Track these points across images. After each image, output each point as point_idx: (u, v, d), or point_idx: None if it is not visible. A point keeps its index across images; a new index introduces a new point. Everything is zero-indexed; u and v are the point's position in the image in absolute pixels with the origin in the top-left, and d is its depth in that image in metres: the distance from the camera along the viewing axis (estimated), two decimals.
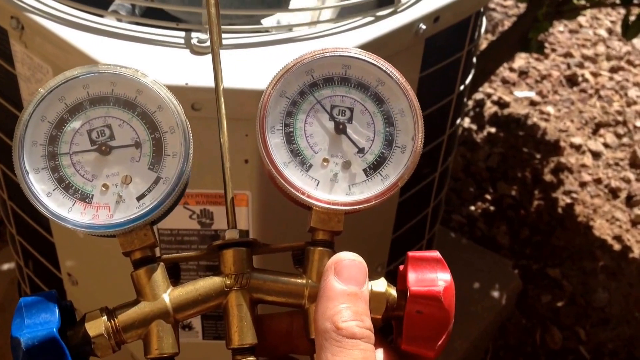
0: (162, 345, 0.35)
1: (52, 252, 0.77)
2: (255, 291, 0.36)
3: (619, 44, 2.04)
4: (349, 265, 0.35)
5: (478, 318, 1.16)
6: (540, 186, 1.58)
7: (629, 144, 1.71)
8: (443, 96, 0.82)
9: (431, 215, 0.92)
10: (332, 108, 0.37)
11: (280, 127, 0.36)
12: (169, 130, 0.36)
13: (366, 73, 0.37)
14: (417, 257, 0.36)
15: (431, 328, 0.35)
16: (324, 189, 0.36)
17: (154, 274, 0.35)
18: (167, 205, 0.35)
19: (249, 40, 0.62)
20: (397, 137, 0.37)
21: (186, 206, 0.59)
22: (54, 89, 0.35)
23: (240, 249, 0.36)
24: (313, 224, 0.36)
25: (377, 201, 0.36)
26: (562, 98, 1.84)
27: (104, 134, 0.36)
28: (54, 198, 0.35)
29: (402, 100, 0.37)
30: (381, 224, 0.82)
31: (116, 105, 0.36)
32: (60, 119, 0.35)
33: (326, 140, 0.37)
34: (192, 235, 0.61)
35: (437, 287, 0.35)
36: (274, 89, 0.36)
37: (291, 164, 0.36)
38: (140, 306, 0.35)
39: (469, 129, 1.71)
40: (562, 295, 1.36)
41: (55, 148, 0.35)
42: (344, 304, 0.34)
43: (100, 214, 0.35)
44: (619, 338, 1.29)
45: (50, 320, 0.33)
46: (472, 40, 0.81)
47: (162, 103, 0.36)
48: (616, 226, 1.50)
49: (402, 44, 0.68)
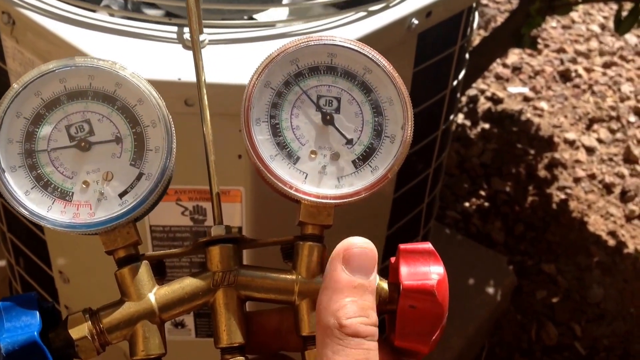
0: (149, 346, 0.34)
1: (44, 250, 0.77)
2: (243, 288, 0.35)
3: (612, 40, 2.04)
4: (359, 253, 0.33)
5: (474, 314, 1.16)
6: (535, 182, 1.58)
7: (623, 139, 1.71)
8: (436, 92, 0.82)
9: (426, 211, 0.91)
10: (318, 98, 0.36)
11: (265, 119, 0.35)
12: (151, 124, 0.35)
13: (352, 61, 0.36)
14: (409, 250, 0.35)
15: (425, 323, 0.34)
16: (313, 182, 0.35)
17: (139, 273, 0.35)
18: (150, 202, 0.34)
19: (241, 36, 0.61)
20: (386, 126, 0.36)
21: (179, 202, 0.58)
22: (29, 84, 0.34)
23: (227, 245, 0.35)
24: (302, 218, 0.36)
25: (367, 193, 0.35)
26: (555, 94, 1.84)
27: (83, 130, 0.35)
28: (33, 197, 0.34)
29: (390, 89, 0.36)
30: (376, 220, 0.82)
31: (95, 99, 0.35)
32: (37, 114, 0.34)
33: (313, 132, 0.36)
34: (185, 232, 0.61)
35: (431, 280, 0.34)
36: (258, 80, 0.35)
37: (278, 157, 0.35)
38: (125, 307, 0.34)
39: (463, 125, 1.71)
40: (557, 291, 1.36)
41: (32, 145, 0.34)
42: (350, 297, 0.32)
43: (81, 212, 0.34)
44: (614, 334, 1.29)
45: (31, 324, 0.32)
46: (464, 35, 0.81)
47: (142, 96, 0.35)
48: (610, 221, 1.50)
49: (395, 39, 0.68)
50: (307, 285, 0.35)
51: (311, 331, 0.35)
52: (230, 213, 0.61)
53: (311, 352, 0.35)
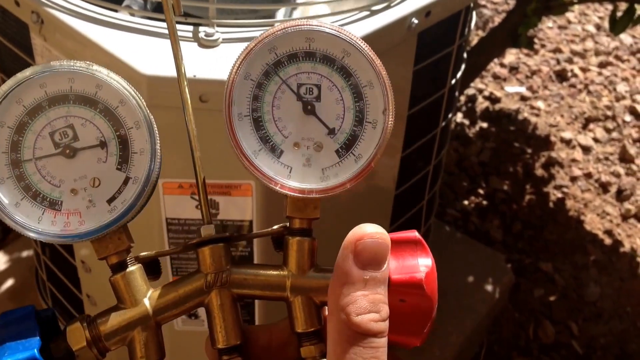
0: (147, 351, 0.34)
1: None
2: (237, 287, 0.35)
3: (607, 40, 2.06)
4: (371, 244, 0.31)
5: (473, 311, 1.16)
6: (532, 181, 1.59)
7: (619, 138, 1.73)
8: (435, 90, 0.82)
9: (426, 208, 0.92)
10: (298, 87, 0.35)
11: (247, 113, 0.35)
12: (134, 126, 0.34)
13: (331, 45, 0.35)
14: (396, 240, 0.34)
15: (415, 316, 0.33)
16: (297, 176, 0.35)
17: (133, 278, 0.34)
18: (139, 206, 0.34)
19: (254, 34, 0.62)
20: (368, 112, 0.35)
21: (193, 196, 0.59)
22: (8, 93, 0.33)
23: (218, 245, 0.35)
24: (289, 212, 0.35)
25: (351, 185, 0.35)
26: (552, 93, 1.85)
27: (67, 135, 0.34)
28: (23, 208, 0.33)
29: (370, 72, 0.35)
30: (378, 217, 0.82)
31: (76, 103, 0.34)
32: (20, 122, 0.34)
33: (295, 122, 0.35)
34: (199, 225, 0.62)
35: (419, 273, 0.33)
36: (237, 73, 0.34)
37: (262, 151, 0.34)
38: (120, 313, 0.34)
39: (462, 124, 1.72)
40: (555, 290, 1.37)
41: (18, 155, 0.34)
42: (361, 290, 0.31)
43: (71, 221, 0.33)
44: (610, 332, 1.30)
45: (31, 340, 0.32)
46: (462, 34, 0.82)
47: (123, 97, 0.34)
48: (607, 220, 1.51)
49: (395, 38, 0.69)
50: (299, 281, 0.35)
51: (305, 328, 0.35)
52: (242, 207, 0.62)
53: (306, 349, 0.35)
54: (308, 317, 0.35)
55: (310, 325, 0.35)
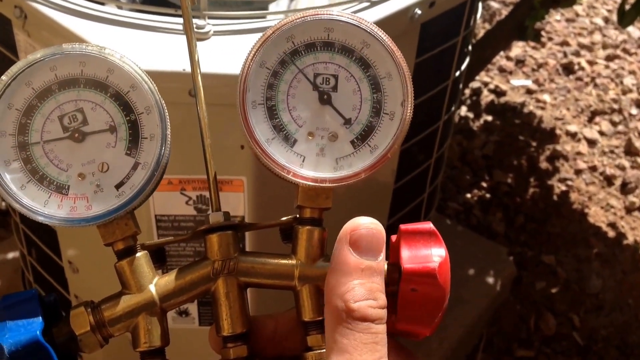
0: (151, 337, 0.33)
1: (54, 240, 0.77)
2: (244, 275, 0.34)
3: (615, 33, 2.04)
4: (366, 234, 0.32)
5: (472, 304, 1.17)
6: (536, 174, 1.59)
7: (624, 131, 1.72)
8: (438, 82, 0.82)
9: (427, 202, 0.92)
10: (315, 77, 0.34)
11: (261, 102, 0.34)
12: (145, 111, 0.34)
13: (350, 36, 0.34)
14: (410, 231, 0.34)
15: (427, 306, 0.33)
16: (310, 165, 0.34)
17: (139, 265, 0.34)
18: (147, 192, 0.33)
19: (245, 27, 0.62)
20: (385, 103, 0.34)
21: (183, 192, 0.59)
22: (18, 75, 0.33)
23: (226, 232, 0.35)
24: (300, 201, 0.35)
25: (366, 174, 0.34)
26: (558, 86, 1.84)
27: (76, 119, 0.33)
28: (28, 191, 0.33)
29: (389, 63, 0.35)
30: (376, 211, 0.82)
31: (87, 86, 0.33)
32: (29, 105, 0.33)
33: (310, 112, 0.34)
34: (189, 221, 0.61)
35: (432, 263, 0.33)
36: (253, 61, 0.34)
37: (275, 140, 0.34)
38: (125, 299, 0.34)
39: (466, 117, 1.72)
40: (557, 282, 1.37)
41: (25, 137, 0.33)
42: (358, 279, 0.31)
43: (78, 205, 0.33)
44: (612, 324, 1.30)
45: (33, 322, 0.32)
46: (467, 26, 0.81)
47: (135, 82, 0.33)
48: (611, 213, 1.51)
49: (397, 29, 0.68)
50: (308, 270, 0.35)
51: (312, 317, 0.34)
52: (234, 202, 0.61)
53: (313, 338, 0.34)
54: (316, 306, 0.34)
55: (318, 314, 0.34)
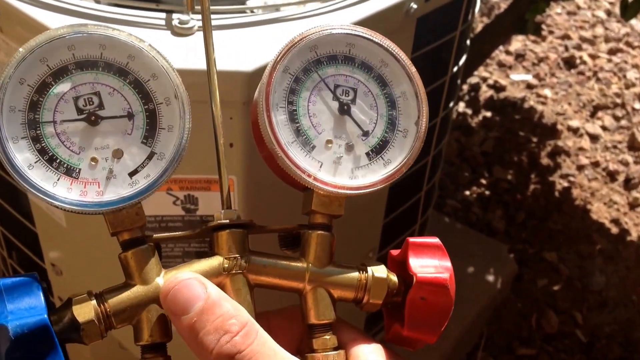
0: (154, 332, 0.33)
1: (36, 242, 0.76)
2: (255, 274, 0.35)
3: (618, 26, 2.02)
4: (173, 296, 0.31)
5: (472, 302, 1.15)
6: (537, 170, 1.57)
7: (627, 126, 1.70)
8: (436, 78, 0.80)
9: (424, 200, 0.91)
10: (335, 87, 0.36)
11: (283, 105, 0.35)
12: (164, 102, 0.33)
13: (370, 53, 0.37)
14: (417, 244, 0.36)
15: (434, 314, 0.35)
16: (328, 172, 0.35)
17: (146, 257, 0.33)
18: (162, 183, 0.33)
19: (234, 21, 0.60)
20: (399, 120, 0.36)
21: (170, 192, 0.57)
22: (36, 49, 0.32)
23: (238, 230, 0.35)
24: (314, 207, 0.35)
25: (382, 185, 0.36)
26: (559, 81, 1.82)
27: (92, 103, 0.32)
28: (36, 172, 0.32)
29: (405, 83, 0.37)
30: (373, 209, 0.81)
31: (105, 70, 0.33)
32: (42, 82, 0.32)
33: (330, 120, 0.36)
34: (177, 222, 0.60)
35: (444, 274, 0.35)
36: (280, 64, 0.35)
37: (295, 144, 0.35)
38: (133, 290, 0.33)
39: (464, 114, 1.70)
40: (559, 279, 1.35)
41: (36, 115, 0.32)
42: (202, 329, 0.30)
43: (88, 190, 0.32)
44: (615, 321, 1.29)
45: (37, 306, 0.30)
46: (465, 20, 0.79)
47: (158, 71, 0.33)
48: (614, 209, 1.49)
49: (392, 23, 0.66)
50: (317, 275, 0.35)
51: (319, 320, 0.35)
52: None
53: (319, 340, 0.35)
54: (324, 309, 0.35)
55: (325, 317, 0.35)
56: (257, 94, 0.36)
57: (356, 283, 0.36)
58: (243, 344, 0.30)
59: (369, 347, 0.35)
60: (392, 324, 0.37)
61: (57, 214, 0.67)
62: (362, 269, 0.37)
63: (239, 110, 0.54)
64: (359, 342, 0.35)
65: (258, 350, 0.30)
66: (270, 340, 0.31)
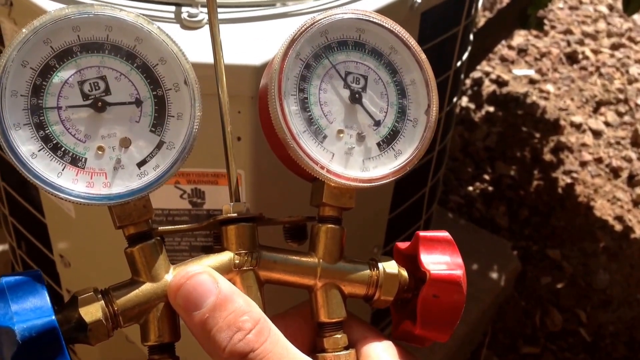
0: (163, 331, 0.31)
1: (45, 233, 0.76)
2: (265, 269, 0.34)
3: (620, 21, 2.01)
4: (185, 294, 0.31)
5: (476, 300, 1.15)
6: (540, 166, 1.56)
7: (631, 122, 1.69)
8: (440, 73, 0.80)
9: (429, 195, 0.90)
10: (346, 75, 0.35)
11: (294, 93, 0.34)
12: (173, 88, 0.31)
13: (380, 39, 0.36)
14: (428, 238, 0.35)
15: (447, 312, 0.34)
16: (340, 163, 0.34)
17: (154, 253, 0.32)
18: (171, 174, 0.31)
19: (241, 15, 0.60)
20: (409, 109, 0.35)
21: (177, 185, 0.57)
22: (40, 29, 0.30)
23: (247, 224, 0.33)
24: (325, 199, 0.34)
25: (394, 177, 0.35)
26: (562, 76, 1.81)
27: (98, 87, 0.31)
28: (40, 161, 0.30)
29: (415, 70, 0.36)
30: (378, 204, 0.80)
31: (112, 53, 0.31)
32: (46, 65, 0.30)
33: (341, 110, 0.35)
34: (184, 215, 0.59)
35: (457, 271, 0.34)
36: (292, 49, 0.34)
37: (306, 133, 0.34)
38: (142, 289, 0.31)
39: (467, 108, 1.69)
40: (562, 277, 1.35)
41: (39, 100, 0.30)
42: (214, 326, 0.30)
43: (95, 181, 0.30)
44: (620, 320, 1.28)
45: (43, 306, 0.29)
46: (468, 14, 0.79)
47: (166, 55, 0.31)
48: (617, 206, 1.48)
49: (397, 17, 0.66)
50: (329, 271, 0.34)
51: (330, 318, 0.34)
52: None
53: (330, 340, 0.34)
54: (335, 306, 0.34)
55: (336, 315, 0.34)
56: (264, 81, 0.35)
57: (367, 279, 0.35)
58: (257, 342, 0.29)
59: (381, 345, 0.34)
60: (400, 321, 0.36)
61: (66, 205, 0.66)
62: (373, 264, 0.36)
63: (247, 104, 0.53)
64: (370, 339, 0.34)
65: (271, 349, 0.30)
66: (283, 338, 0.30)
